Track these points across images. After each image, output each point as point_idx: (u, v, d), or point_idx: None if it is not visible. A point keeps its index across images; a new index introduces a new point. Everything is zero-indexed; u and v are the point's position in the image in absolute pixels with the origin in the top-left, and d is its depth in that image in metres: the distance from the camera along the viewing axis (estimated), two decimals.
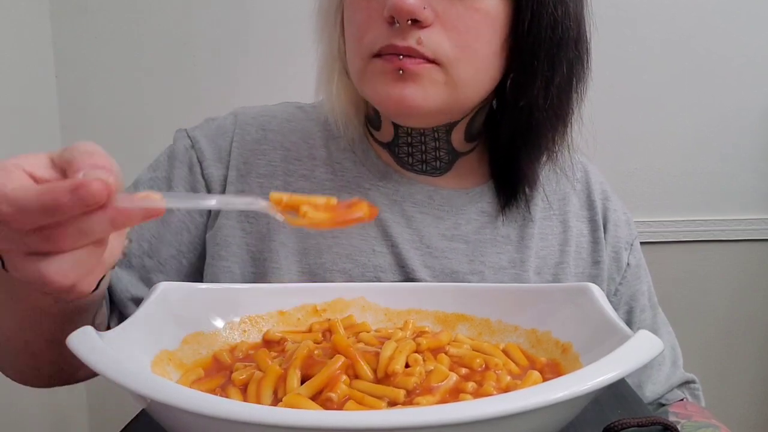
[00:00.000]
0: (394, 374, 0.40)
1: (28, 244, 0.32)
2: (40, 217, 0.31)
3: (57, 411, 1.38)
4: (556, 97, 0.58)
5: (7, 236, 0.32)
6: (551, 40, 0.56)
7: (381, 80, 0.55)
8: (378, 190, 0.64)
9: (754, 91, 1.44)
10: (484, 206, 0.66)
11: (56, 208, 0.30)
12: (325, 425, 0.28)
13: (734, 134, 1.46)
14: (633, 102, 1.42)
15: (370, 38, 0.55)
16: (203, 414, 0.29)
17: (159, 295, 0.46)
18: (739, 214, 1.49)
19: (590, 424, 0.43)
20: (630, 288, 0.69)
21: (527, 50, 0.56)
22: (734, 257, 1.50)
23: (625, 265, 0.69)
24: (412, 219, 0.63)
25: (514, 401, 0.30)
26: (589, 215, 0.69)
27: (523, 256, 0.64)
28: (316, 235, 0.62)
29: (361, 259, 0.61)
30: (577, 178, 0.70)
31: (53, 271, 0.33)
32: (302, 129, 0.67)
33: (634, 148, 1.44)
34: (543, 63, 0.57)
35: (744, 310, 1.53)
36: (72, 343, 0.35)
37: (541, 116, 0.59)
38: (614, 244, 0.69)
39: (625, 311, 0.69)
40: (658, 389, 0.67)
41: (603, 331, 0.42)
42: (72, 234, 0.32)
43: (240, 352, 0.47)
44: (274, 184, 0.64)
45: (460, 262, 0.63)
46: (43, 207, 0.30)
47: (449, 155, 0.64)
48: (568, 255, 0.66)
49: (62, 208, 0.30)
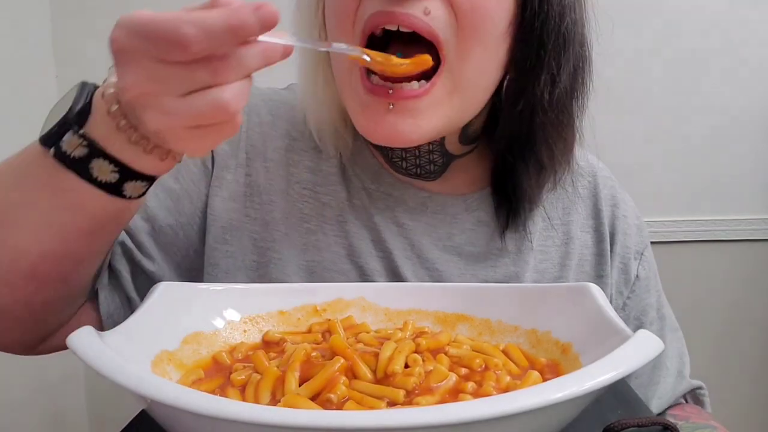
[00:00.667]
0: (394, 374, 0.40)
1: (196, 79, 0.34)
2: (226, 39, 0.32)
3: (57, 411, 1.38)
4: (560, 100, 0.54)
5: (177, 74, 0.33)
6: (558, 31, 0.52)
7: (367, 110, 0.51)
8: (371, 192, 0.61)
9: (754, 92, 1.44)
10: (480, 215, 0.62)
11: (242, 28, 0.32)
12: (325, 425, 0.28)
13: (734, 134, 1.46)
14: (633, 102, 1.42)
15: (360, 13, 0.48)
16: (203, 414, 0.29)
17: (159, 295, 0.46)
18: (739, 214, 1.49)
19: (590, 424, 0.43)
20: (639, 302, 0.66)
21: (534, 40, 0.51)
22: (734, 257, 1.50)
23: (633, 277, 0.65)
24: (404, 227, 0.60)
25: (514, 401, 0.30)
26: (594, 225, 0.65)
27: (519, 270, 0.61)
28: (317, 231, 0.60)
29: (360, 261, 0.60)
30: (583, 184, 0.65)
31: (229, 97, 0.34)
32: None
33: (634, 148, 1.44)
34: (550, 56, 0.52)
35: (744, 310, 1.53)
36: (72, 342, 0.35)
37: (543, 120, 0.54)
38: (623, 254, 0.65)
39: (634, 327, 0.63)
40: (663, 403, 0.64)
41: (603, 331, 0.42)
42: (233, 66, 0.34)
43: (239, 353, 0.47)
44: (278, 172, 0.61)
45: (451, 275, 0.60)
46: (230, 28, 0.32)
47: (443, 157, 0.60)
48: (568, 269, 0.63)
49: (247, 28, 0.32)
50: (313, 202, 0.60)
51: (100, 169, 0.40)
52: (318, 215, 0.60)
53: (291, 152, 0.62)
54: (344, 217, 0.60)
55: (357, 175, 0.62)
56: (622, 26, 1.38)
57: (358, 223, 0.60)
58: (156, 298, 0.46)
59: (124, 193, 0.42)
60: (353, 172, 0.62)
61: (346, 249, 0.60)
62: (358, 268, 0.60)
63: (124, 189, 0.41)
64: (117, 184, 0.41)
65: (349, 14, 0.50)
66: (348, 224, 0.60)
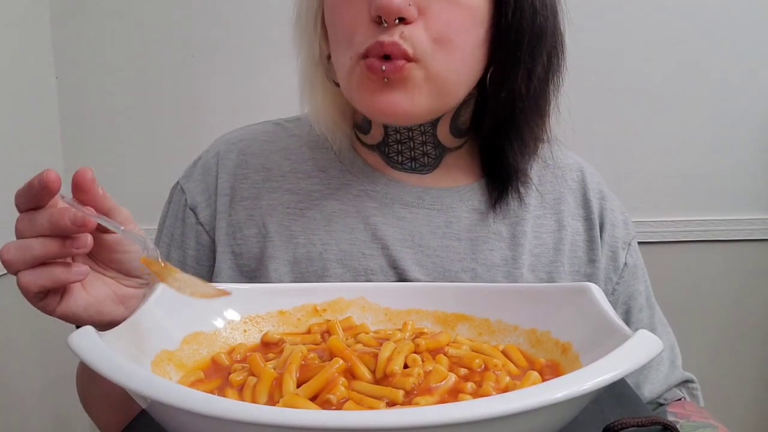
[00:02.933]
0: (393, 375, 0.40)
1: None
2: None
3: (57, 411, 1.38)
4: (536, 88, 0.60)
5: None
6: (532, 31, 0.57)
7: (367, 88, 0.56)
8: (367, 194, 0.65)
9: (754, 92, 1.44)
10: (474, 204, 0.66)
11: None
12: (325, 425, 0.28)
13: (734, 134, 1.46)
14: (633, 102, 1.42)
15: (359, 39, 0.55)
16: (203, 414, 0.29)
17: (159, 294, 0.46)
18: (739, 214, 1.49)
19: (590, 424, 0.43)
20: (628, 288, 0.69)
21: (510, 41, 0.57)
22: (734, 257, 1.50)
23: (622, 264, 0.68)
24: (404, 219, 0.64)
25: (514, 401, 0.30)
26: (584, 214, 0.69)
27: (515, 253, 0.64)
28: (306, 244, 0.63)
29: (352, 263, 0.62)
30: (572, 177, 0.70)
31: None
32: (284, 147, 0.68)
33: (634, 148, 1.44)
34: (525, 53, 0.58)
35: (744, 310, 1.53)
36: (72, 343, 0.35)
37: (523, 106, 0.60)
38: (611, 243, 0.68)
39: (623, 311, 0.69)
40: (657, 389, 0.67)
41: (603, 331, 0.42)
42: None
43: (238, 353, 0.47)
44: (259, 204, 0.65)
45: (452, 260, 0.63)
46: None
47: (436, 150, 0.65)
48: (562, 254, 0.66)
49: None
50: (299, 218, 0.64)
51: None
52: (305, 230, 0.64)
53: (269, 181, 0.66)
54: (332, 227, 0.63)
55: (350, 182, 0.65)
56: (621, 25, 1.39)
57: (350, 228, 0.63)
58: (156, 298, 0.46)
59: None
60: (345, 180, 0.66)
61: (336, 255, 0.62)
62: (352, 270, 0.62)
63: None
64: None
65: (349, 40, 0.57)
66: (336, 232, 0.63)
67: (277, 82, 1.39)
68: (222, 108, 1.38)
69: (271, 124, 0.72)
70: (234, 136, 0.70)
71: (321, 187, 0.65)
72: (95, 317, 0.47)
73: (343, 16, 0.57)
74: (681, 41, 1.41)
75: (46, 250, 0.43)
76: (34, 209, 0.44)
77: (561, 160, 0.70)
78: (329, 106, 0.64)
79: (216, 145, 0.70)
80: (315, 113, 0.65)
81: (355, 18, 0.55)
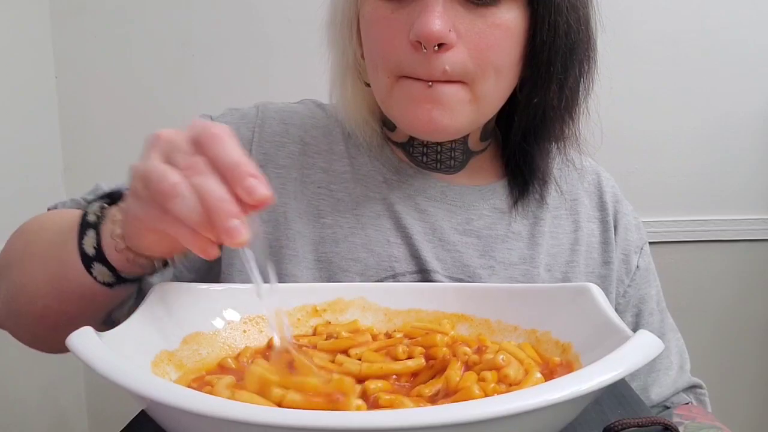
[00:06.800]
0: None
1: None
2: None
3: (57, 411, 1.38)
4: (568, 96, 0.61)
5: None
6: (566, 46, 0.58)
7: (409, 102, 0.56)
8: (392, 183, 0.65)
9: (754, 91, 1.44)
10: (496, 203, 0.67)
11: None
12: (326, 425, 0.28)
13: (734, 134, 1.46)
14: (633, 102, 1.42)
15: (396, 60, 0.56)
16: (203, 414, 0.29)
17: (159, 294, 0.46)
18: (739, 214, 1.49)
19: (590, 424, 0.43)
20: (639, 291, 0.69)
21: (544, 58, 0.58)
22: (734, 257, 1.50)
23: (634, 267, 0.69)
24: (425, 212, 0.64)
25: (514, 401, 0.30)
26: (600, 216, 0.70)
27: (533, 253, 0.65)
28: (333, 225, 0.63)
29: (377, 249, 0.62)
30: (589, 180, 0.71)
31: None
32: (324, 125, 0.69)
33: (635, 148, 1.44)
34: (558, 66, 0.58)
35: (744, 310, 1.53)
36: (72, 343, 0.35)
37: (555, 114, 0.61)
38: (624, 246, 0.69)
39: (634, 314, 0.69)
40: (664, 392, 0.67)
41: (603, 331, 0.42)
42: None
43: (245, 357, 0.47)
44: (291, 175, 0.65)
45: (471, 256, 0.63)
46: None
47: (464, 155, 0.66)
48: (578, 254, 0.67)
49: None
50: (328, 198, 0.64)
51: (101, 271, 0.48)
52: (333, 210, 0.64)
53: (304, 155, 0.66)
54: (360, 211, 0.64)
55: (377, 169, 0.66)
56: (621, 26, 1.39)
57: (376, 214, 0.64)
58: (156, 298, 0.46)
59: (96, 277, 0.49)
60: (373, 167, 0.66)
61: (362, 239, 0.62)
62: (376, 255, 0.62)
63: (93, 271, 0.48)
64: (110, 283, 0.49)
65: (385, 57, 0.57)
66: (364, 217, 0.63)
67: (278, 82, 1.39)
68: (222, 108, 1.38)
69: (313, 104, 0.72)
70: (277, 106, 0.70)
71: (351, 170, 0.66)
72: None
73: (382, 34, 0.57)
74: (683, 40, 1.42)
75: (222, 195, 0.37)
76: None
77: (579, 161, 0.71)
78: (360, 105, 0.65)
79: (257, 106, 0.69)
80: (344, 110, 0.66)
81: (393, 37, 0.55)
